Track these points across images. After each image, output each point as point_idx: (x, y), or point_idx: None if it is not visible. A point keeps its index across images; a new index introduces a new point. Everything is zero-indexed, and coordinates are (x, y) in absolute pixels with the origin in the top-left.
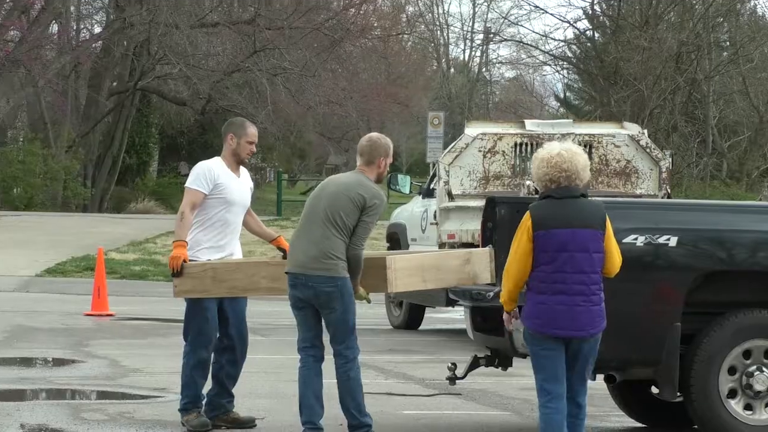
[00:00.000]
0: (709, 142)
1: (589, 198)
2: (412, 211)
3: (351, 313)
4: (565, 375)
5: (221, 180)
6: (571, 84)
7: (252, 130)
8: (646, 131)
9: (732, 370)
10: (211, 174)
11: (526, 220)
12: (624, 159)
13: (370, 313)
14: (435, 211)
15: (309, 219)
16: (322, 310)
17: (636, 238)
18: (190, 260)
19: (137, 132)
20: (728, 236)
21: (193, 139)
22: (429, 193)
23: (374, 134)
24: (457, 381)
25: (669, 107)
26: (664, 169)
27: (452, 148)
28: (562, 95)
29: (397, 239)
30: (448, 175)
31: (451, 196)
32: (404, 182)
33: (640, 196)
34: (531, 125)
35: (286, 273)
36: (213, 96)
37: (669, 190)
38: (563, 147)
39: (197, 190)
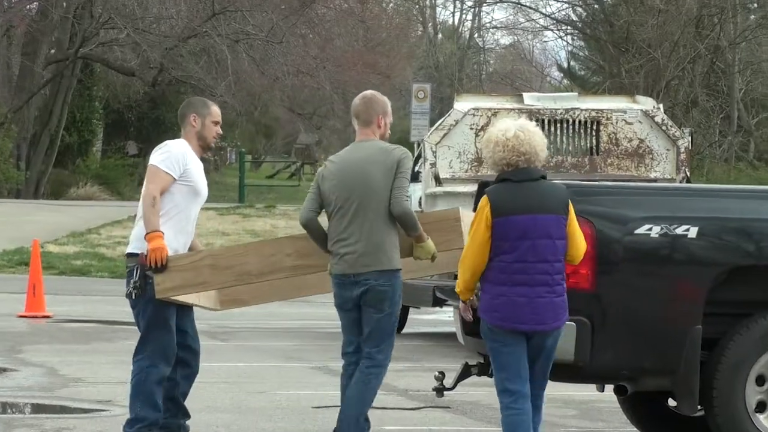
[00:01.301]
0: (734, 119)
1: (550, 180)
2: None
3: (396, 315)
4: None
5: (190, 165)
6: (576, 52)
7: (216, 109)
8: (661, 106)
9: (761, 380)
10: (184, 158)
11: (484, 206)
12: (636, 138)
13: None
14: (420, 198)
15: (343, 213)
16: (368, 308)
17: (650, 229)
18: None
19: (78, 107)
20: (756, 226)
21: (142, 114)
22: (413, 177)
23: (367, 92)
24: (445, 392)
25: (688, 78)
26: (682, 150)
27: (440, 125)
28: (565, 65)
29: None
30: (435, 156)
31: (438, 180)
32: None
33: (655, 180)
34: (530, 99)
35: (330, 275)
36: (166, 65)
37: (688, 174)
38: (519, 127)
39: (168, 174)
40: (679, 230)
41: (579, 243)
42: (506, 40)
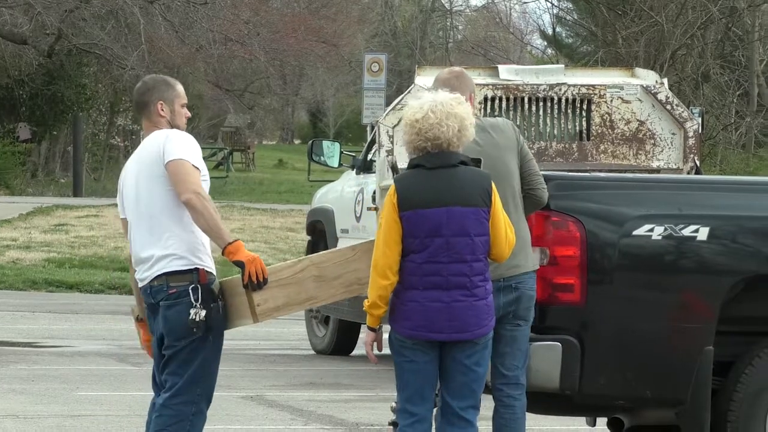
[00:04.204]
0: (754, 96)
1: (472, 166)
2: (342, 192)
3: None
4: (439, 388)
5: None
6: (562, 16)
7: (181, 87)
8: (666, 81)
9: None
10: (200, 151)
11: (391, 197)
12: (636, 119)
13: (285, 332)
14: (374, 192)
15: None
16: (511, 323)
17: (651, 230)
18: (206, 271)
19: None
20: None
21: (36, 91)
22: (366, 167)
23: (455, 67)
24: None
25: (698, 47)
26: (691, 134)
27: (398, 104)
28: (549, 31)
29: (321, 231)
30: (392, 142)
31: (395, 170)
32: (331, 151)
33: (659, 170)
34: (507, 72)
35: None
36: (64, 31)
37: (698, 163)
38: (433, 104)
39: (199, 169)
40: (687, 231)
41: (503, 239)
42: (478, 1)
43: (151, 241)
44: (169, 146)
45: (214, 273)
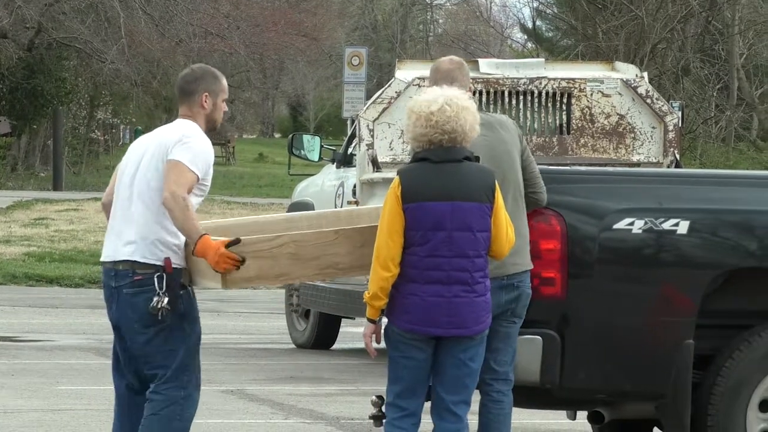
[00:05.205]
0: (734, 89)
1: (476, 162)
2: (322, 186)
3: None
4: (431, 383)
5: (211, 161)
6: (542, 9)
7: (226, 82)
8: (646, 74)
9: (765, 405)
10: (211, 157)
11: (395, 188)
12: (616, 113)
13: (265, 326)
14: (354, 186)
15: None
16: (508, 320)
17: (632, 224)
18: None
19: None
20: (761, 220)
21: (16, 84)
22: (346, 161)
23: (453, 56)
24: (384, 420)
25: (678, 41)
26: (671, 127)
27: (378, 98)
28: (530, 24)
29: None
30: (372, 136)
31: (376, 164)
32: (311, 145)
33: (639, 164)
34: (487, 66)
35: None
36: (45, 25)
37: (678, 156)
38: (447, 98)
39: (195, 174)
40: (667, 225)
41: (503, 237)
42: None
43: (130, 221)
44: (179, 147)
45: (183, 265)
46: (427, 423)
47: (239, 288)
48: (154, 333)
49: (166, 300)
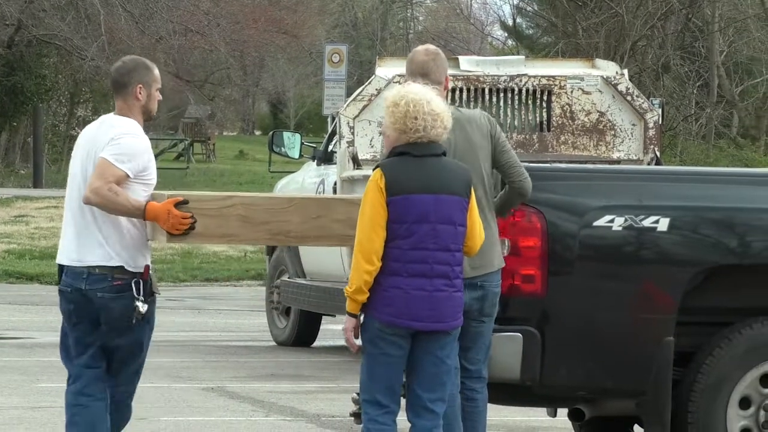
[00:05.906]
0: (714, 87)
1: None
2: (302, 183)
3: None
4: (406, 380)
5: (146, 156)
6: (522, 7)
7: (158, 72)
8: (626, 72)
9: (745, 403)
10: (144, 151)
11: (378, 181)
12: (596, 110)
13: (246, 324)
14: (335, 183)
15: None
16: (477, 319)
17: (612, 221)
18: (129, 270)
19: None
20: (741, 217)
21: None
22: (326, 158)
23: (430, 46)
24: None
25: (658, 38)
26: (651, 125)
27: (358, 95)
28: (510, 22)
29: None
30: (352, 133)
31: (357, 161)
32: (292, 143)
33: (619, 161)
34: (467, 64)
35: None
36: (24, 22)
37: (658, 154)
38: (427, 96)
39: (122, 170)
40: (647, 222)
41: (477, 233)
42: None
43: (91, 225)
44: (108, 147)
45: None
46: (402, 421)
47: (182, 243)
48: (131, 338)
49: (146, 307)
